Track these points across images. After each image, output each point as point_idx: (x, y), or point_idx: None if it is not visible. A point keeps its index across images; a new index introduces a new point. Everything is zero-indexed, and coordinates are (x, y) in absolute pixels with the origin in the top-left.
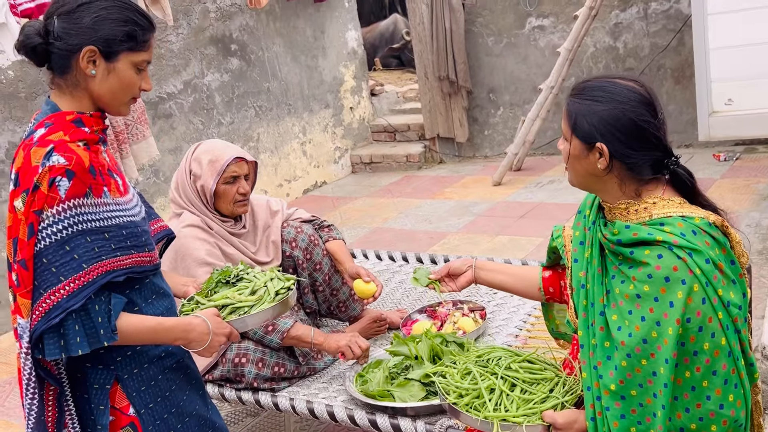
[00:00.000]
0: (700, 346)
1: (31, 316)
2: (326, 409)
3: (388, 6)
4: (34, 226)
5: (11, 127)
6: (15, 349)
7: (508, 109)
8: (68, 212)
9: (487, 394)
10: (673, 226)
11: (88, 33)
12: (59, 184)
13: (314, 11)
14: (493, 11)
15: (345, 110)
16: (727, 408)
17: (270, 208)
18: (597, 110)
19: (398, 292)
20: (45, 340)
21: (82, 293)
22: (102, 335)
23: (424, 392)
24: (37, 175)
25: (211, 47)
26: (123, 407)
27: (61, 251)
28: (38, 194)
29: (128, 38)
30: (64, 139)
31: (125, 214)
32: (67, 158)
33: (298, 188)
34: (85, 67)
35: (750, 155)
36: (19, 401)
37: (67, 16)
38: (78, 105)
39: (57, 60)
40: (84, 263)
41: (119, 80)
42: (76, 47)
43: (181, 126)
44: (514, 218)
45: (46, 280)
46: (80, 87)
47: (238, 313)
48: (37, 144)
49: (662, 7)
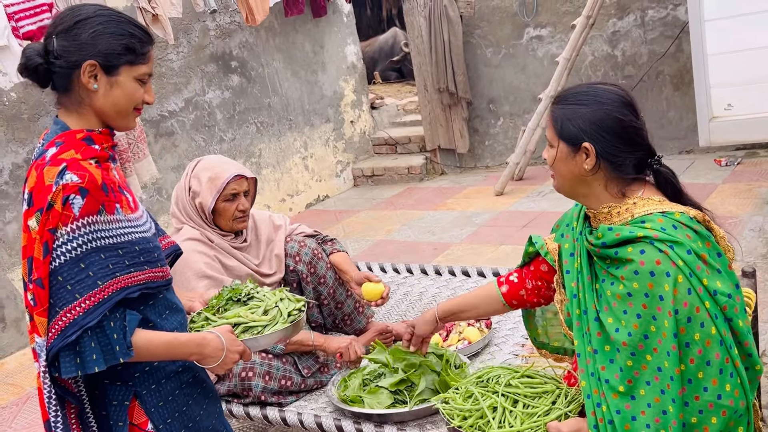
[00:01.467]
0: (691, 338)
1: (48, 334)
2: (334, 423)
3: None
4: (48, 245)
5: (14, 149)
6: (21, 370)
7: (508, 119)
8: (82, 230)
9: (490, 413)
10: (654, 222)
11: (87, 48)
12: (73, 202)
13: (313, 27)
14: (491, 22)
15: (346, 124)
16: (725, 398)
17: (273, 222)
18: (582, 113)
19: (403, 304)
20: (61, 358)
21: (98, 310)
22: (118, 352)
23: (392, 399)
24: (51, 193)
25: (211, 65)
26: (141, 423)
27: (76, 269)
28: (52, 213)
29: (127, 51)
30: (76, 157)
31: (137, 230)
32: (80, 176)
33: (300, 203)
34: (86, 82)
35: (751, 159)
36: (26, 422)
37: (65, 33)
38: (85, 123)
39: (59, 79)
40: (99, 280)
41: (122, 93)
42: (76, 63)
43: (183, 144)
44: (517, 227)
45: (62, 298)
46: (84, 104)
47: (251, 333)
48: (49, 163)
49: (659, 15)
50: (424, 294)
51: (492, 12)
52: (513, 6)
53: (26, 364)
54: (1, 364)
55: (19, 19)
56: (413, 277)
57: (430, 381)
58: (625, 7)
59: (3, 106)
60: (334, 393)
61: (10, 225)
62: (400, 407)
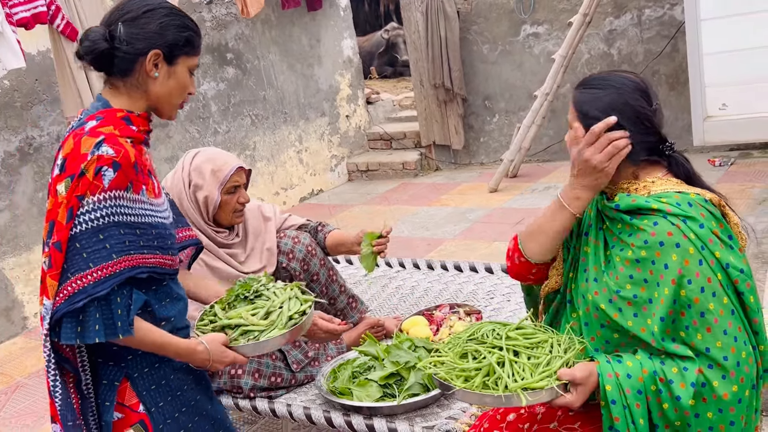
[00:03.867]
0: (705, 307)
1: (56, 297)
2: (323, 415)
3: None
4: (73, 211)
5: (7, 137)
6: (10, 359)
7: (503, 116)
8: (108, 202)
9: (500, 369)
10: (670, 197)
11: (155, 38)
12: (104, 173)
13: (309, 20)
14: (488, 19)
15: (341, 118)
16: (743, 364)
17: (262, 213)
18: (599, 96)
19: (395, 298)
20: (63, 323)
21: (108, 282)
22: (119, 328)
23: (381, 393)
24: (84, 162)
25: (207, 56)
26: (132, 405)
27: (94, 238)
28: (83, 180)
29: (187, 43)
30: (114, 132)
31: (157, 215)
32: (116, 150)
33: (294, 196)
34: (150, 69)
35: (745, 160)
36: (15, 411)
37: (132, 22)
38: (130, 104)
39: (120, 63)
40: (114, 253)
41: (177, 82)
42: (142, 51)
43: (177, 135)
44: (511, 224)
45: (75, 264)
46: (140, 89)
47: (248, 337)
48: (88, 134)
49: (656, 14)
50: (416, 288)
51: (489, 8)
52: (510, 3)
53: (16, 353)
54: None
55: (13, 6)
56: (405, 271)
57: (419, 375)
58: (622, 5)
59: None
60: (324, 385)
61: (2, 213)
62: (389, 401)
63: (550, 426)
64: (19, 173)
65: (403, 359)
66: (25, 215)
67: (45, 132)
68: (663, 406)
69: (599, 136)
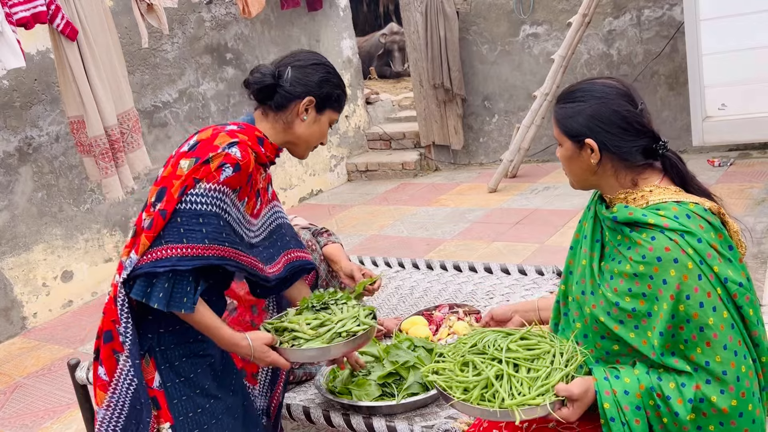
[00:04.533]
0: (704, 322)
1: (143, 256)
2: (323, 414)
3: (383, 16)
4: (187, 189)
5: (6, 137)
6: (9, 359)
7: (502, 116)
8: (216, 194)
9: (497, 383)
10: (668, 210)
11: (314, 87)
12: (225, 169)
13: (309, 20)
14: (488, 19)
15: (340, 119)
16: (743, 379)
17: None
18: (580, 109)
19: (394, 298)
20: (138, 280)
21: (194, 261)
22: (183, 303)
23: (380, 392)
24: (214, 152)
25: (206, 56)
26: (148, 380)
27: (194, 220)
28: (206, 167)
29: (337, 100)
30: (247, 142)
31: (246, 230)
32: (243, 155)
33: (294, 196)
34: (301, 111)
35: (744, 160)
36: (14, 410)
37: (300, 69)
38: (271, 132)
39: (279, 99)
40: (207, 239)
41: (319, 129)
42: (300, 94)
43: (177, 135)
44: (510, 225)
45: (172, 235)
46: (286, 124)
47: (293, 342)
48: (227, 132)
49: (655, 14)
50: (415, 288)
51: (488, 9)
52: (509, 3)
53: (14, 353)
54: None
55: (13, 5)
56: (404, 271)
57: (418, 375)
58: (622, 6)
59: None
60: (323, 384)
61: (1, 213)
62: (388, 400)
63: (548, 426)
64: (18, 173)
65: (403, 359)
66: (24, 215)
67: (44, 132)
68: (663, 420)
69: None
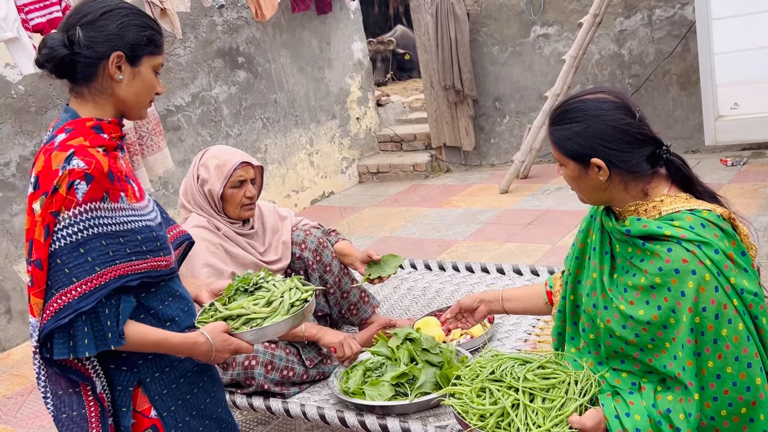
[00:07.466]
0: (719, 334)
1: (42, 314)
2: (337, 415)
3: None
4: (50, 227)
5: (22, 141)
6: (26, 361)
7: (514, 117)
8: (84, 215)
9: (513, 412)
10: (683, 220)
11: (115, 39)
12: (77, 187)
13: (320, 23)
14: (498, 20)
15: (352, 121)
16: (755, 391)
17: (279, 213)
18: (578, 130)
19: (407, 299)
20: (54, 339)
21: (94, 296)
22: (110, 339)
23: (393, 392)
24: (57, 178)
25: (218, 60)
26: (144, 410)
27: (75, 253)
28: (56, 196)
29: (149, 42)
30: (84, 144)
31: (141, 219)
32: (87, 162)
33: (305, 199)
34: (113, 72)
35: (757, 160)
36: (31, 412)
37: (90, 25)
38: (99, 112)
39: (83, 68)
40: (97, 266)
41: (143, 83)
42: (103, 54)
43: (190, 138)
44: (522, 225)
45: (59, 281)
46: (106, 93)
47: (251, 325)
48: (57, 148)
49: (666, 14)
50: (428, 289)
51: (499, 10)
52: (520, 4)
53: (32, 355)
54: (7, 355)
55: (29, 12)
56: (417, 272)
57: (431, 374)
58: (633, 6)
59: (11, 98)
60: (336, 385)
61: (17, 217)
62: (402, 399)
63: None
64: None
65: (384, 352)
66: None
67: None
68: None
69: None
